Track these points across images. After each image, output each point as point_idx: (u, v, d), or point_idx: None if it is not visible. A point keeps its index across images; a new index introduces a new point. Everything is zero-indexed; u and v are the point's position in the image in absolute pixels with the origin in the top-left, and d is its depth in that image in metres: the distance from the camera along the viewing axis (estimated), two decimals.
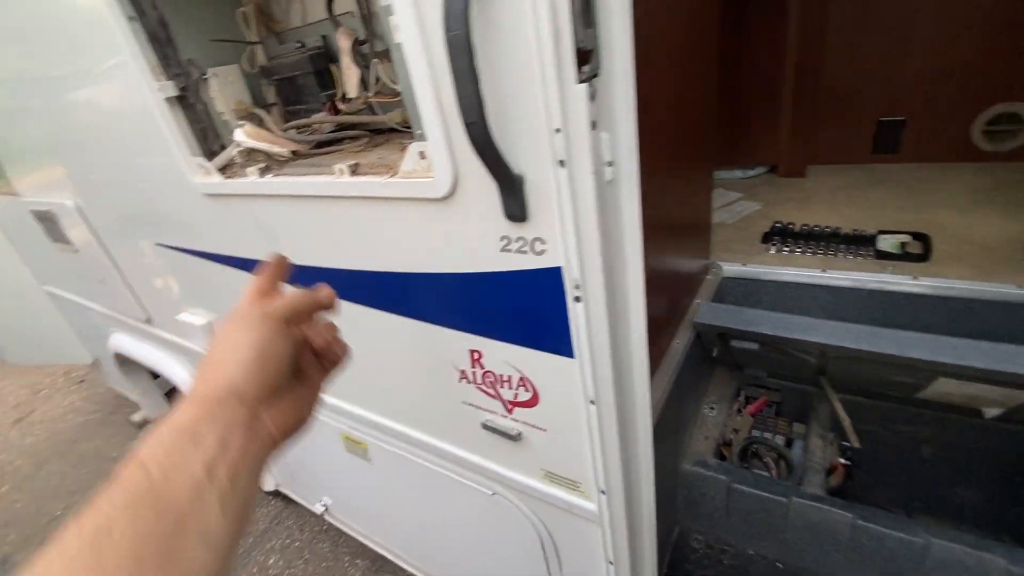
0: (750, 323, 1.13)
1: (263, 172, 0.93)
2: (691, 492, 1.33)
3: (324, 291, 0.51)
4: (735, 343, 1.25)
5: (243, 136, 0.95)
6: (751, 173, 2.13)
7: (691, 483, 1.31)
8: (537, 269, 0.65)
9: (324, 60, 1.01)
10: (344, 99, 0.99)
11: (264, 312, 0.44)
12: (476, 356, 0.82)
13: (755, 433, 1.47)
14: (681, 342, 1.25)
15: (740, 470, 1.28)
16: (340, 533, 1.97)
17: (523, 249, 0.65)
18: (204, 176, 1.02)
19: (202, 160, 1.02)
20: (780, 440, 1.45)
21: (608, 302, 0.64)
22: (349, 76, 0.94)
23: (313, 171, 0.85)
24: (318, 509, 1.75)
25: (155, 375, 2.38)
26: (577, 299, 0.63)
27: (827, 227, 1.57)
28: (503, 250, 0.66)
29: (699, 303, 1.23)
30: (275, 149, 0.94)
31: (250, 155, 1.01)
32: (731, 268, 1.50)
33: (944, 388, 1.09)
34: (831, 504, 1.13)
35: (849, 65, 1.89)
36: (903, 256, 1.36)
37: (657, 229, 1.08)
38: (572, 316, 0.66)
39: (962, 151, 1.86)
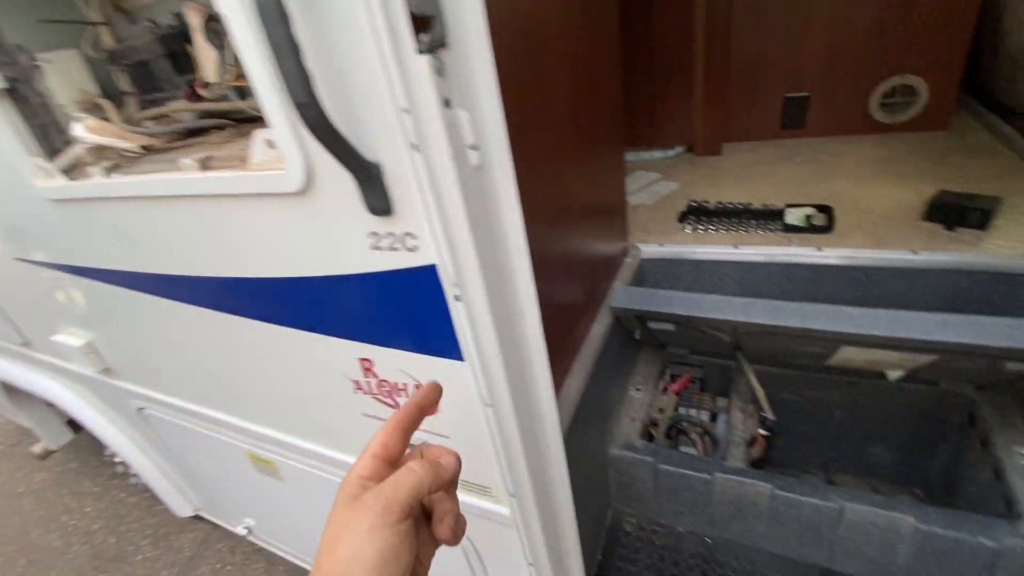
0: (663, 305, 1.12)
1: (109, 171, 0.81)
2: (621, 476, 1.32)
3: (439, 454, 0.46)
4: (653, 325, 1.25)
5: (83, 131, 0.82)
6: (670, 153, 2.14)
7: (620, 467, 1.31)
8: (412, 268, 0.58)
9: (179, 41, 0.89)
10: (205, 84, 0.87)
11: (388, 506, 0.38)
12: (367, 365, 0.75)
13: (680, 411, 1.48)
14: (601, 327, 1.23)
15: (666, 450, 1.29)
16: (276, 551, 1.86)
17: (394, 246, 0.58)
18: (46, 179, 0.88)
19: (41, 160, 0.88)
20: (705, 415, 1.48)
21: (492, 299, 0.59)
22: (205, 58, 0.83)
23: (164, 168, 0.74)
24: (240, 531, 1.63)
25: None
26: (457, 298, 0.58)
27: (740, 203, 1.60)
28: (373, 248, 0.59)
29: (617, 287, 1.21)
30: (122, 144, 0.82)
31: (102, 152, 0.88)
32: (650, 249, 1.50)
33: (848, 355, 1.12)
34: (751, 477, 1.15)
35: (755, 43, 1.93)
36: (809, 228, 1.40)
37: (566, 214, 1.04)
38: (455, 317, 0.60)
39: (862, 124, 1.95)
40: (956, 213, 1.26)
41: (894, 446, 1.44)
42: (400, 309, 0.63)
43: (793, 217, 1.45)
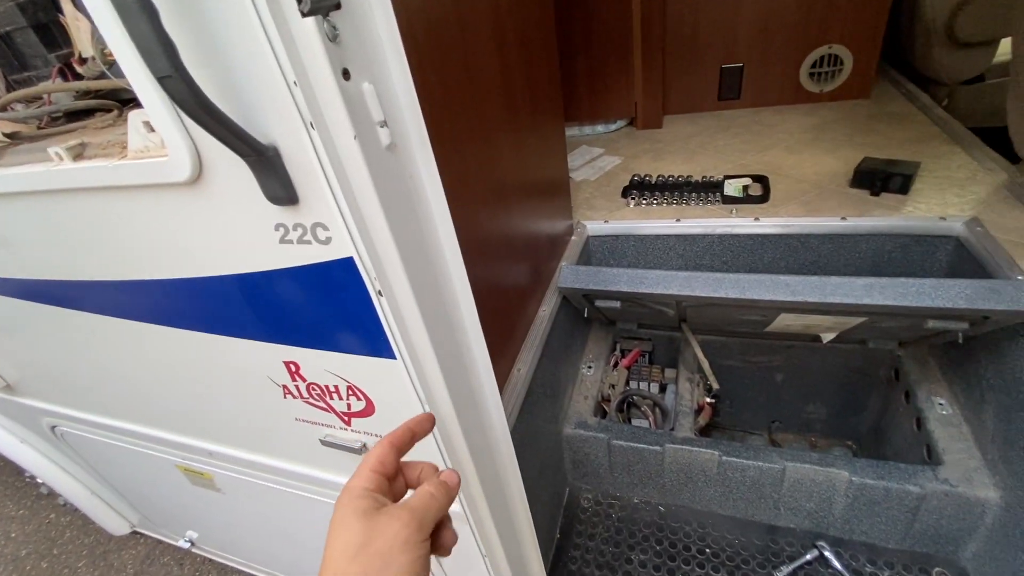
0: (609, 282, 1.11)
1: None
2: (576, 453, 1.33)
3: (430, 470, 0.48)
4: (600, 303, 1.24)
5: None
6: (612, 127, 2.13)
7: (574, 445, 1.31)
8: (327, 262, 0.53)
9: (49, 10, 0.77)
10: (82, 60, 0.76)
11: (422, 524, 0.42)
12: (294, 368, 0.69)
13: (632, 385, 1.50)
14: (549, 308, 1.21)
15: (619, 425, 1.30)
16: None
17: (305, 239, 0.52)
18: None
19: None
20: (655, 387, 1.51)
21: (420, 291, 0.54)
22: (78, 29, 0.72)
23: (33, 158, 0.64)
24: (183, 544, 1.54)
25: None
26: (380, 293, 0.53)
27: (681, 177, 1.61)
28: (283, 242, 0.53)
29: (563, 266, 1.19)
30: None
31: None
32: (595, 226, 1.49)
33: (786, 321, 1.16)
34: (699, 445, 1.18)
35: (691, 14, 1.93)
36: (746, 199, 1.43)
37: (505, 194, 1.00)
38: (380, 313, 0.55)
39: (793, 94, 2.00)
40: (880, 179, 1.32)
41: (829, 403, 1.52)
42: (320, 307, 0.58)
43: (731, 188, 1.47)
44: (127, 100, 0.75)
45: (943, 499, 1.01)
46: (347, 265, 0.52)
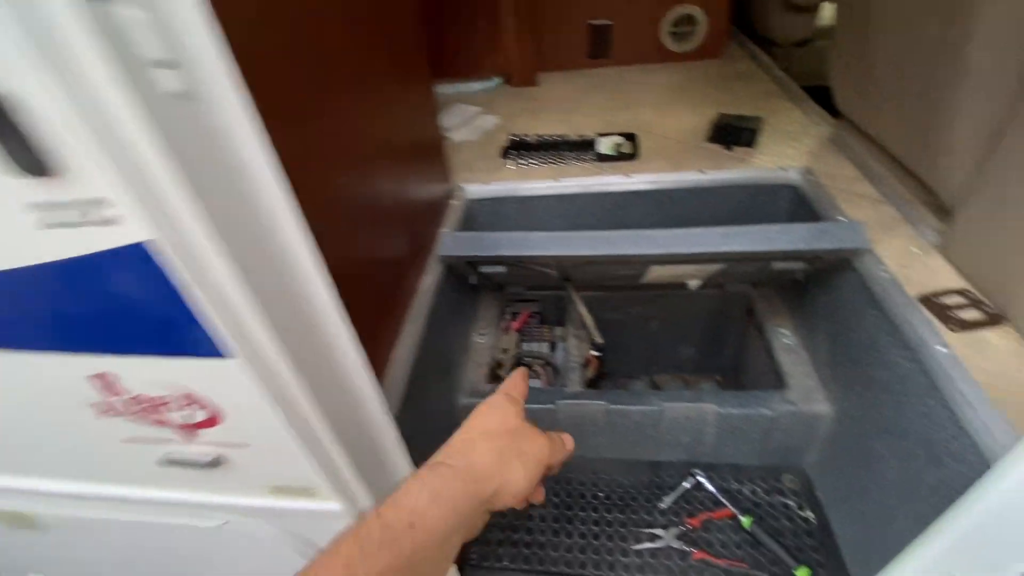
0: (491, 248, 1.08)
1: None
2: None
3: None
4: (485, 268, 1.20)
5: None
6: (489, 84, 2.06)
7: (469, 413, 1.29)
8: (114, 250, 0.41)
9: None
10: None
11: (541, 462, 0.47)
12: (107, 381, 0.56)
13: (524, 347, 1.51)
14: (433, 278, 1.15)
15: None
16: None
17: (78, 221, 0.40)
18: None
19: None
20: (545, 347, 1.53)
21: (250, 274, 0.45)
22: None
23: None
24: None
25: None
26: (194, 281, 0.43)
27: (557, 136, 1.61)
28: (45, 227, 0.40)
29: (444, 233, 1.12)
30: None
31: None
32: (475, 189, 1.44)
33: (657, 273, 1.22)
34: (588, 398, 1.22)
35: None
36: (618, 157, 1.46)
37: (367, 158, 0.90)
38: (198, 305, 0.45)
39: (657, 53, 2.08)
40: (732, 134, 1.42)
41: (697, 343, 1.66)
42: (119, 306, 0.46)
43: (604, 146, 1.49)
44: None
45: (789, 418, 1.15)
46: (141, 252, 0.41)
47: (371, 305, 0.90)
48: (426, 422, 1.06)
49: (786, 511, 1.18)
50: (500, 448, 0.44)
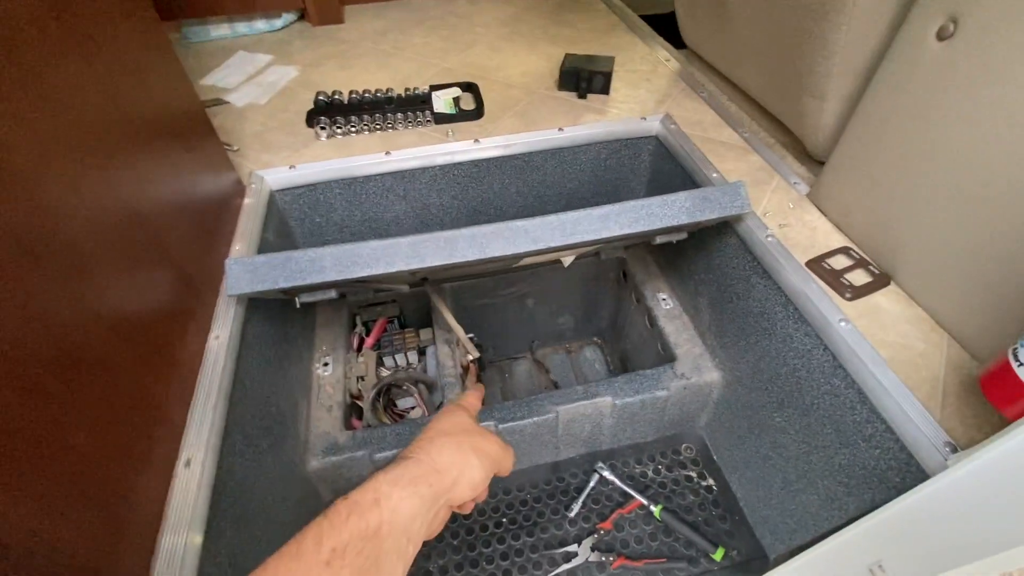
0: (305, 272, 0.76)
1: None
2: (336, 482, 1.04)
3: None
4: (306, 297, 0.88)
5: None
6: (277, 24, 1.57)
7: (329, 476, 1.01)
8: None
9: None
10: None
11: (501, 451, 0.53)
12: None
13: (385, 363, 1.24)
14: (226, 329, 0.80)
15: (379, 428, 1.04)
16: None
17: None
18: None
19: None
20: (413, 356, 1.28)
21: None
22: None
23: None
24: None
25: None
26: None
27: (379, 91, 1.26)
28: None
29: (229, 263, 0.76)
30: None
31: None
32: (278, 176, 1.06)
33: (530, 259, 1.02)
34: None
35: None
36: (460, 115, 1.19)
37: (69, 152, 0.51)
38: None
39: None
40: (584, 80, 1.23)
41: (575, 312, 1.55)
42: None
43: (441, 103, 1.20)
44: None
45: (683, 392, 1.09)
46: None
47: (111, 409, 0.55)
48: (260, 519, 0.76)
49: (690, 484, 1.14)
50: (458, 443, 0.48)
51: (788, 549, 0.96)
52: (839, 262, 0.82)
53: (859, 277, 0.80)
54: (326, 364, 1.14)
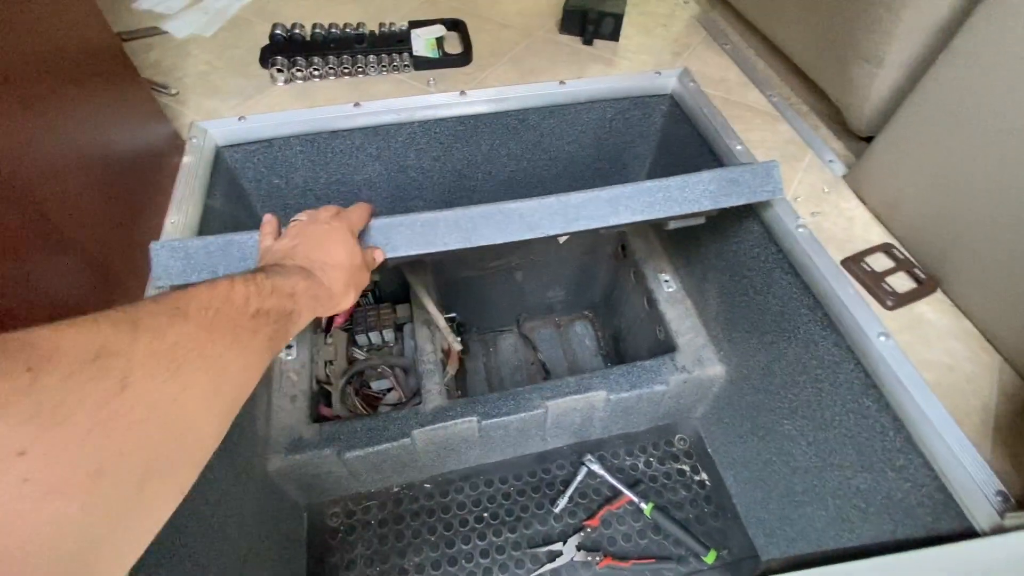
0: (249, 262, 0.62)
1: None
2: (301, 479, 0.95)
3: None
4: None
5: None
6: None
7: (295, 474, 0.92)
8: None
9: None
10: None
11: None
12: None
13: (357, 343, 1.13)
14: None
15: (349, 422, 0.94)
16: None
17: None
18: None
19: None
20: (389, 334, 1.16)
21: None
22: None
23: None
24: None
25: None
26: None
27: (348, 26, 1.06)
28: None
29: (153, 247, 0.62)
30: None
31: None
32: (225, 129, 0.89)
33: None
34: (454, 415, 0.93)
35: None
36: (444, 60, 1.01)
37: None
38: None
39: None
40: (592, 23, 1.05)
41: (566, 285, 1.44)
42: None
43: (422, 44, 1.01)
44: None
45: (683, 386, 1.01)
46: None
47: None
48: (202, 552, 0.67)
49: (682, 479, 1.08)
50: (347, 280, 0.52)
51: (784, 556, 0.91)
52: (879, 262, 0.72)
53: (902, 282, 0.70)
54: (289, 347, 1.02)
